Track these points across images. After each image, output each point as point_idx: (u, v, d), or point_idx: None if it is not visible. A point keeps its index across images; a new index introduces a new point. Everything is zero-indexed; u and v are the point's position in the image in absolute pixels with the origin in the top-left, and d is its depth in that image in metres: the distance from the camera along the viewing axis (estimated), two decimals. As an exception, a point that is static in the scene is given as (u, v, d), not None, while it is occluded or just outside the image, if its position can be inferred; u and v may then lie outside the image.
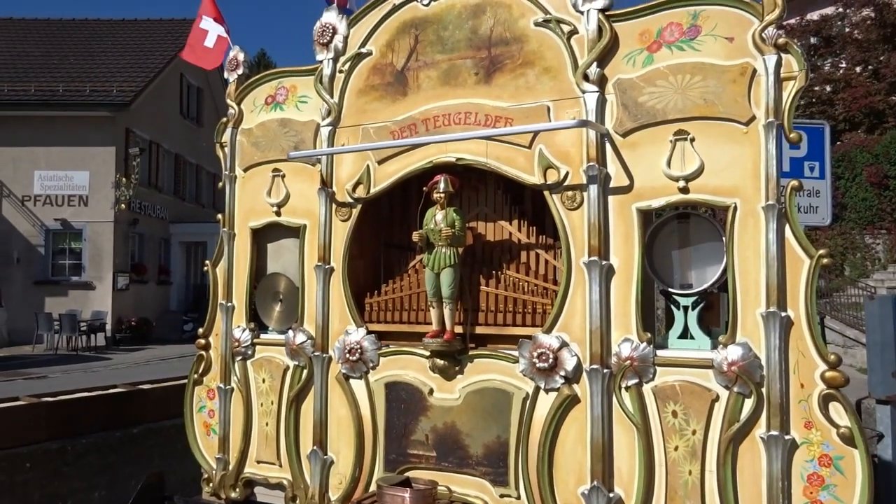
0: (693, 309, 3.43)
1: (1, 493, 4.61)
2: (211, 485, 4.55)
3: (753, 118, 3.17)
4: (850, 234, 18.50)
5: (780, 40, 3.13)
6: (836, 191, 18.17)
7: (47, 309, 17.30)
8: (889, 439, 6.02)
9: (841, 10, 22.14)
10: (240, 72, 4.71)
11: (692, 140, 3.28)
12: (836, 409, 2.99)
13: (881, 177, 18.35)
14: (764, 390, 3.09)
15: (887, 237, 18.17)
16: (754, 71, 3.17)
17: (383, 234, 4.43)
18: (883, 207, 18.39)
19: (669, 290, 3.48)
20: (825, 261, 3.05)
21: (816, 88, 22.31)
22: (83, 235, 18.39)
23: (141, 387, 6.07)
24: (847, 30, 22.21)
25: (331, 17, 4.30)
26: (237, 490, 4.43)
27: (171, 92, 21.84)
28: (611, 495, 3.34)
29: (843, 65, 22.38)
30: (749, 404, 3.11)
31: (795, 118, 3.25)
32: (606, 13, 3.50)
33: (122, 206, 18.17)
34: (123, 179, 18.19)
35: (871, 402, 6.39)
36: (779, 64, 3.13)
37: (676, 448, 3.24)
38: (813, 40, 23.13)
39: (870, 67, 21.69)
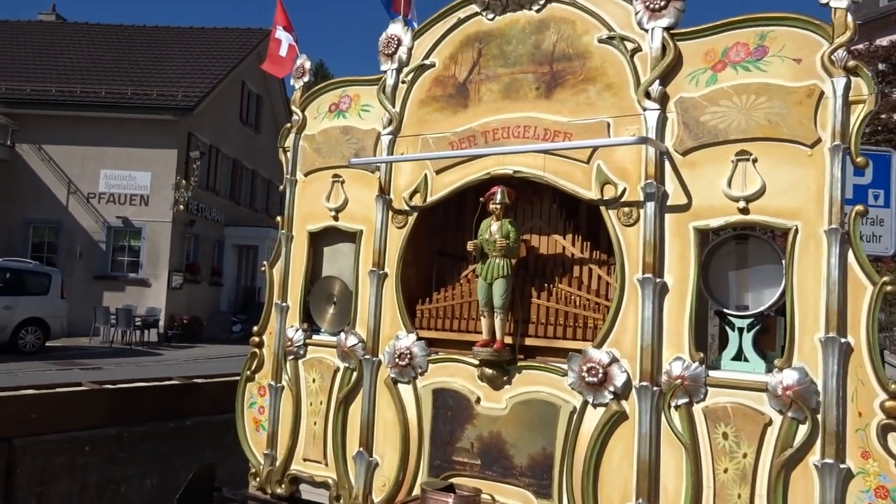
0: (748, 331, 3.39)
1: (62, 473, 4.81)
2: (258, 479, 4.66)
3: (819, 141, 3.13)
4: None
5: (850, 63, 3.10)
6: (900, 221, 17.52)
7: (105, 303, 17.87)
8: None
9: (912, 36, 21.49)
10: (305, 79, 4.86)
11: (755, 161, 3.26)
12: (895, 440, 2.91)
13: (948, 208, 17.70)
14: (819, 417, 3.03)
15: (951, 271, 17.48)
16: (822, 93, 3.14)
17: (437, 242, 4.49)
18: (949, 240, 17.72)
19: (725, 310, 3.44)
20: (889, 288, 2.98)
21: (883, 116, 21.66)
22: (142, 234, 18.97)
23: (195, 381, 6.26)
24: (916, 54, 21.55)
25: (396, 28, 4.41)
26: (283, 486, 4.52)
27: (232, 98, 22.46)
28: (656, 514, 3.32)
29: (913, 92, 21.68)
30: (803, 430, 3.06)
31: (861, 145, 3.20)
32: (671, 31, 3.51)
33: (181, 207, 18.70)
34: (183, 182, 18.73)
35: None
36: (847, 87, 3.10)
37: (726, 470, 3.20)
38: (882, 66, 22.50)
39: (938, 95, 20.96)
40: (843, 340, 3.01)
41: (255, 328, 4.84)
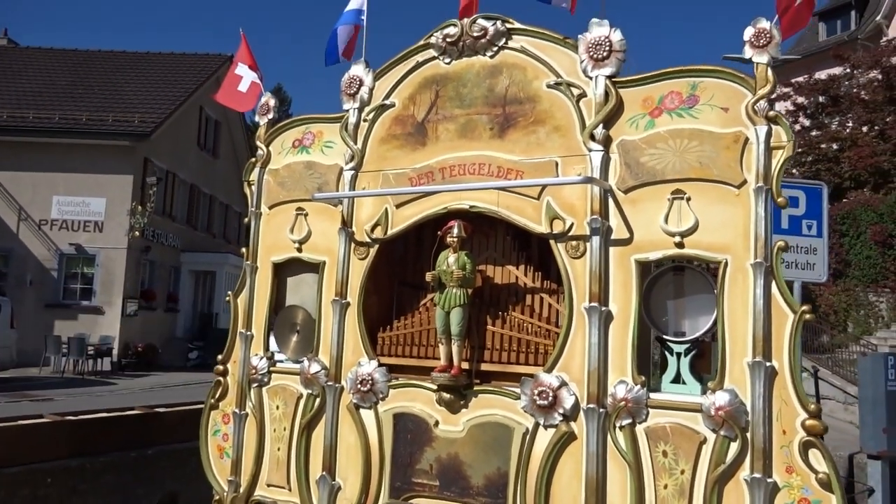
0: (685, 356, 3.67)
1: (22, 505, 4.82)
2: (221, 506, 4.74)
3: (745, 182, 3.45)
4: (854, 290, 18.65)
5: (771, 113, 3.43)
6: (841, 248, 18.36)
7: (56, 331, 17.52)
8: (879, 493, 6.16)
9: (849, 70, 22.64)
10: (270, 116, 5.05)
11: (688, 199, 3.56)
12: (815, 456, 3.20)
13: (885, 235, 18.56)
14: (748, 435, 3.30)
15: (891, 295, 18.29)
16: (746, 139, 3.46)
17: (398, 273, 4.69)
18: (887, 266, 18.54)
19: (664, 336, 3.72)
20: (808, 316, 3.29)
21: (823, 146, 22.70)
22: (96, 261, 18.72)
23: (156, 410, 6.30)
24: (854, 90, 22.66)
25: (358, 69, 4.64)
26: (247, 512, 4.62)
27: (190, 124, 22.41)
28: (603, 529, 3.54)
29: (850, 124, 22.77)
30: (734, 447, 3.32)
31: (795, 177, 3.52)
32: (613, 79, 3.82)
33: (136, 233, 18.55)
34: (139, 207, 18.59)
35: (862, 458, 6.55)
36: (769, 134, 3.43)
37: (666, 486, 3.45)
38: (821, 99, 23.60)
39: (876, 128, 22.04)
40: (768, 364, 3.30)
41: (220, 357, 4.95)
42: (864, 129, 22.28)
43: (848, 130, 22.46)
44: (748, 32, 3.52)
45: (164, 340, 20.34)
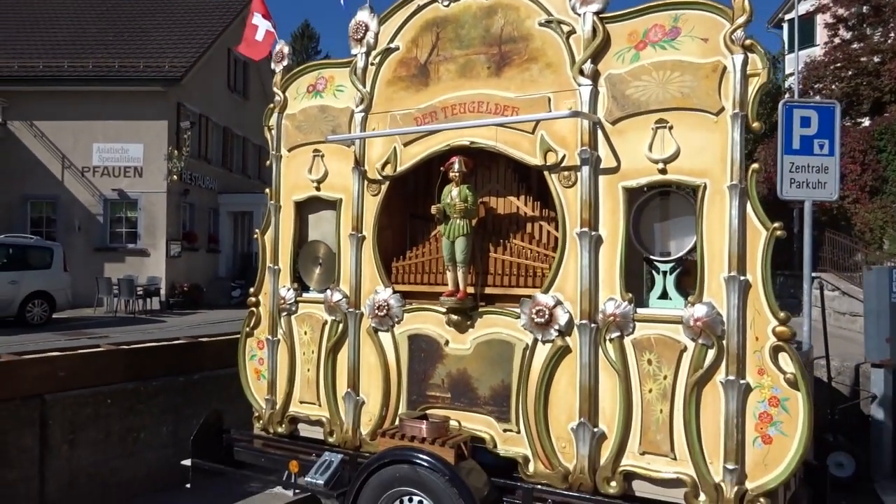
0: (671, 274, 3.97)
1: (88, 423, 5.43)
2: (261, 421, 5.29)
3: (722, 109, 3.66)
4: (891, 207, 18.41)
5: (747, 42, 3.61)
6: (878, 164, 18.02)
7: (106, 274, 18.36)
8: (881, 400, 6.46)
9: (895, -23, 21.57)
10: (285, 63, 5.34)
11: (671, 128, 3.79)
12: (784, 359, 3.52)
13: (924, 149, 18.13)
14: (724, 342, 3.63)
15: (929, 211, 18.00)
16: (724, 68, 3.65)
17: (409, 206, 5.04)
18: (927, 180, 18.18)
19: (651, 256, 4.02)
20: (779, 233, 3.55)
21: (863, 59, 21.94)
22: (138, 205, 19.38)
23: (200, 339, 6.88)
24: (900, -4, 21.64)
25: (364, 15, 4.88)
26: (283, 426, 5.15)
27: (219, 67, 22.64)
28: (595, 430, 3.94)
29: (893, 35, 21.89)
30: (711, 354, 3.65)
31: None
32: (600, 15, 4.01)
33: (174, 177, 19.09)
34: (175, 152, 19.09)
35: (867, 366, 6.82)
36: (745, 62, 3.61)
37: (651, 390, 3.81)
38: (864, 9, 22.66)
39: (921, 38, 21.16)
40: (742, 278, 3.59)
41: (252, 290, 5.42)
42: (908, 39, 21.40)
43: (890, 41, 21.62)
44: (726, -36, 3.66)
45: (207, 280, 21.17)
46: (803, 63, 21.66)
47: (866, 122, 20.52)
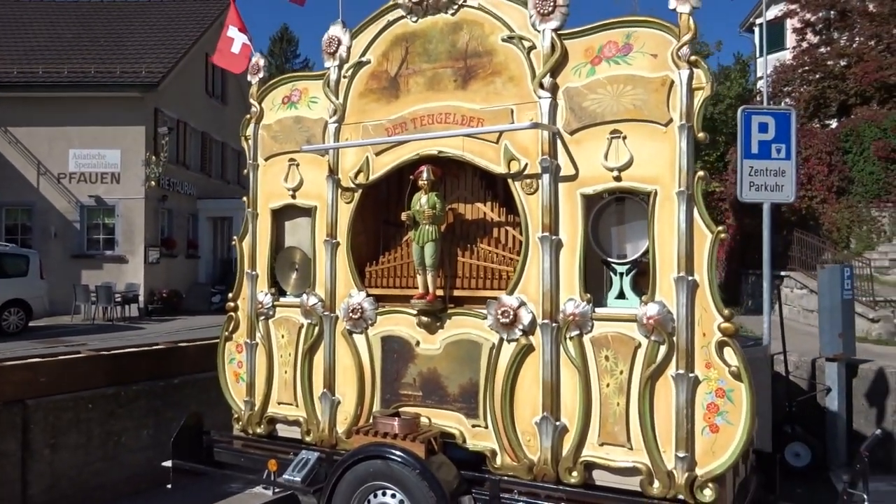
0: (627, 275, 4.22)
1: (70, 427, 5.56)
2: (240, 423, 5.46)
3: (671, 120, 3.91)
4: (857, 207, 18.93)
5: (692, 58, 3.87)
6: (844, 165, 18.51)
7: (84, 281, 18.28)
8: (835, 392, 6.78)
9: (857, -18, 22.19)
10: (261, 75, 5.53)
11: (624, 138, 4.04)
12: (728, 353, 3.77)
13: (889, 150, 18.65)
14: (674, 338, 3.88)
15: (893, 210, 18.55)
16: (672, 82, 3.91)
17: (382, 213, 5.24)
18: (890, 181, 18.69)
19: (608, 259, 4.27)
20: (723, 236, 3.82)
21: (830, 63, 22.51)
22: (116, 211, 19.35)
23: (180, 344, 7.03)
24: (861, 2, 22.27)
25: (336, 30, 5.08)
26: (262, 426, 5.32)
27: (196, 71, 22.63)
28: (557, 423, 4.18)
29: (858, 39, 22.48)
30: (663, 350, 3.90)
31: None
32: (559, 32, 4.25)
33: (153, 183, 19.10)
34: (153, 157, 19.10)
35: (822, 361, 7.14)
36: (690, 77, 3.87)
37: (608, 385, 4.05)
38: (831, 14, 23.24)
39: (883, 42, 21.79)
40: (690, 278, 3.84)
41: (230, 295, 5.59)
42: (872, 43, 22.00)
43: (855, 45, 22.21)
44: (671, -15, 3.92)
45: (187, 286, 21.17)
46: (773, 66, 22.16)
47: (834, 123, 21.08)
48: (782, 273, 15.39)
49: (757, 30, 29.67)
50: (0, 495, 5.14)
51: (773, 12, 24.98)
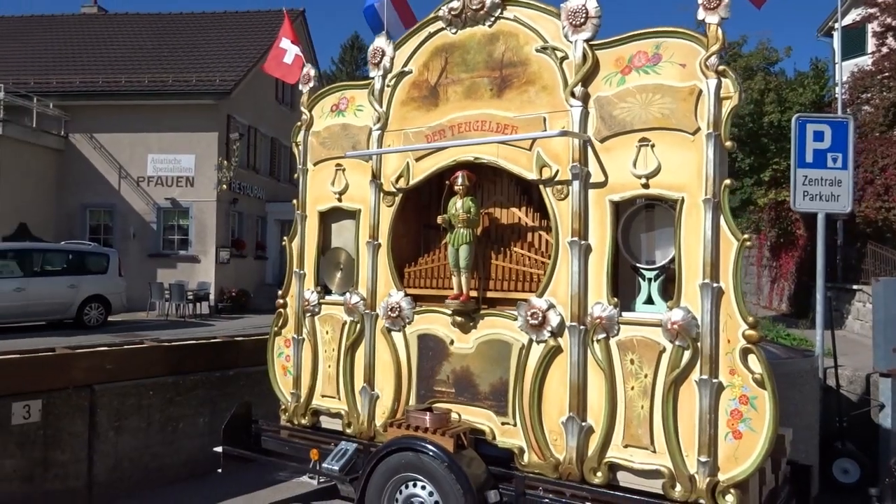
0: (655, 280, 4.28)
1: (132, 412, 5.97)
2: (286, 413, 5.75)
3: (698, 129, 3.97)
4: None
5: (720, 67, 3.92)
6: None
7: (159, 279, 19.27)
8: (889, 409, 6.58)
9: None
10: (311, 85, 5.83)
11: (652, 146, 4.11)
12: (752, 360, 3.79)
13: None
14: (699, 344, 3.92)
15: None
16: (700, 91, 3.97)
17: (422, 217, 5.44)
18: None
19: (637, 264, 4.34)
20: (748, 244, 3.84)
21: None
22: (190, 213, 20.31)
23: (235, 338, 7.42)
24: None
25: (381, 42, 5.33)
26: (307, 417, 5.60)
27: (267, 79, 23.32)
28: (583, 424, 4.27)
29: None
30: (687, 355, 3.95)
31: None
32: (590, 43, 4.36)
33: (224, 186, 19.95)
34: (225, 162, 19.97)
35: (876, 377, 6.94)
36: (719, 86, 3.92)
37: (633, 388, 4.13)
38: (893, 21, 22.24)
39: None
40: (715, 285, 3.88)
41: (280, 292, 5.90)
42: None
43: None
44: (701, -4, 3.99)
45: (255, 286, 21.98)
46: (851, 72, 21.33)
47: (916, 132, 20.14)
48: (854, 287, 14.86)
49: (835, 35, 28.63)
50: (69, 472, 5.58)
51: (851, 17, 24.07)
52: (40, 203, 19.70)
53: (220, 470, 5.61)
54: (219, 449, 5.57)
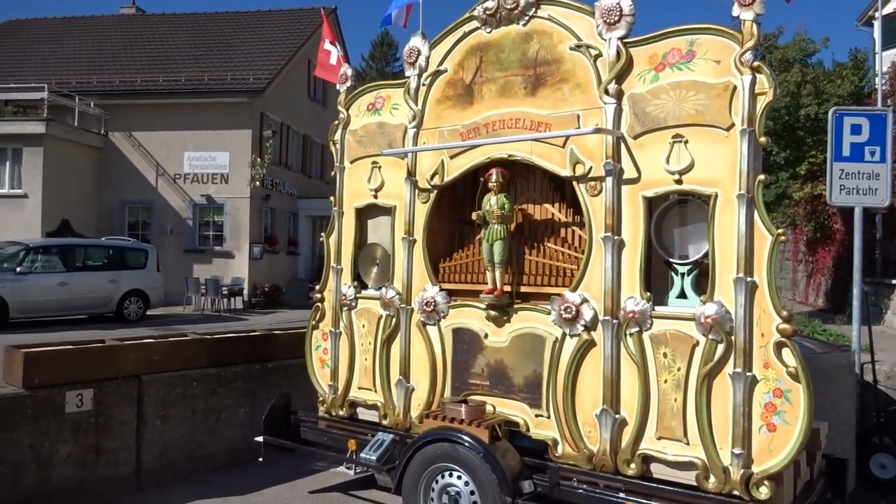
0: (688, 275, 4.32)
1: (177, 402, 6.19)
2: (324, 405, 5.91)
3: (733, 125, 4.00)
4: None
5: (755, 63, 3.95)
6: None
7: (195, 274, 19.60)
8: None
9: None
10: (348, 84, 5.96)
11: (686, 142, 4.15)
12: (787, 354, 3.83)
13: None
14: (732, 338, 3.96)
15: None
16: (734, 87, 4.00)
17: (457, 213, 5.54)
18: None
19: (670, 259, 4.39)
20: (783, 238, 3.87)
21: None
22: (224, 210, 20.64)
23: (274, 331, 7.62)
24: None
25: (416, 41, 5.43)
26: (344, 409, 5.75)
27: (299, 77, 23.79)
28: (617, 416, 4.34)
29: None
30: (721, 348, 3.99)
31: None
32: (624, 40, 4.41)
33: (257, 183, 20.25)
34: (258, 159, 20.27)
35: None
36: (753, 82, 3.95)
37: (666, 381, 4.18)
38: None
39: None
40: (749, 279, 3.92)
41: (317, 286, 6.05)
42: None
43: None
44: (736, -8, 4.01)
45: (287, 281, 22.27)
46: (892, 62, 20.87)
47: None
48: (894, 282, 14.60)
49: (875, 24, 27.96)
50: (119, 458, 5.82)
51: (893, 5, 23.52)
52: (82, 200, 20.22)
53: (260, 459, 5.80)
54: (260, 438, 5.75)
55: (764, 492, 3.85)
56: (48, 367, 5.40)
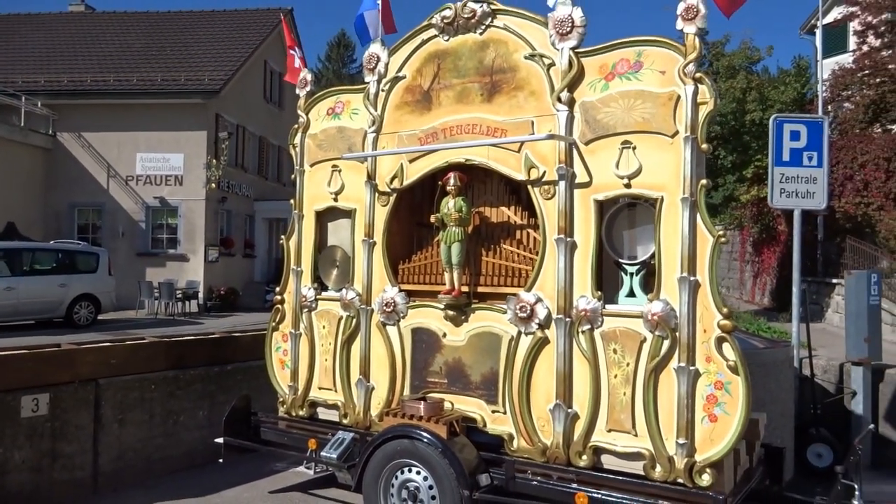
0: (637, 275, 4.54)
1: (135, 405, 6.16)
2: (285, 406, 5.97)
3: (677, 132, 4.23)
4: (917, 216, 18.43)
5: (697, 75, 4.18)
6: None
7: (148, 278, 19.34)
8: (860, 396, 6.91)
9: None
10: (308, 89, 6.04)
11: (634, 148, 4.37)
12: (727, 348, 4.06)
13: (949, 158, 18.14)
14: (677, 334, 4.19)
15: (955, 220, 18.01)
16: (679, 97, 4.23)
17: (415, 215, 5.67)
18: (950, 191, 18.18)
19: (619, 260, 4.60)
20: (723, 240, 4.11)
21: (892, 66, 21.96)
22: (178, 212, 20.37)
23: (233, 334, 7.62)
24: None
25: (376, 48, 5.56)
26: (304, 409, 5.82)
27: (255, 78, 23.62)
28: (569, 410, 4.53)
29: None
30: (666, 344, 4.21)
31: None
32: (576, 50, 4.61)
33: (213, 185, 20.04)
34: (213, 161, 20.06)
35: (849, 365, 7.26)
36: (696, 93, 4.18)
37: (616, 376, 4.38)
38: (890, 16, 22.68)
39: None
40: (692, 278, 4.15)
41: (277, 288, 6.11)
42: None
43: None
44: (680, 7, 4.25)
45: (243, 284, 22.09)
46: (832, 70, 21.69)
47: (895, 129, 20.55)
48: (833, 281, 15.24)
49: (817, 33, 29.05)
50: (76, 462, 5.77)
51: (833, 15, 24.46)
52: (28, 202, 19.72)
53: (220, 460, 5.83)
54: (220, 440, 5.78)
55: (706, 479, 4.08)
56: (2, 372, 5.34)
